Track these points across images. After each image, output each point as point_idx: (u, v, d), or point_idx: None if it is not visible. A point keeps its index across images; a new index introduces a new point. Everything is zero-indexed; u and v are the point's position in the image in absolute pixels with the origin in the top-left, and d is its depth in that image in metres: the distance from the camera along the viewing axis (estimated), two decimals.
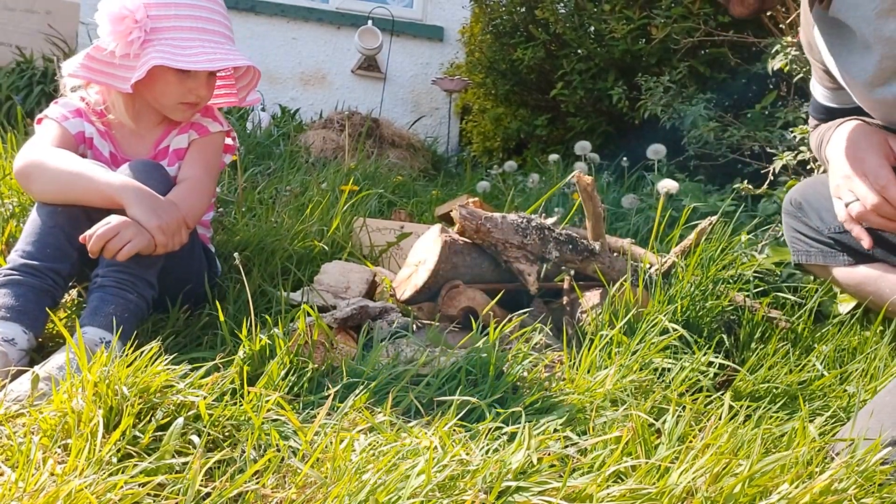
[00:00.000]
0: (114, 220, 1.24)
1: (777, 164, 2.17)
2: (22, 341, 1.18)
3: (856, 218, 1.26)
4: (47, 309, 1.23)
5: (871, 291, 1.46)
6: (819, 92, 1.47)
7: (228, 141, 1.64)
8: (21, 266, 1.25)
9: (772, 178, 2.24)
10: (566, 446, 1.00)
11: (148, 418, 0.95)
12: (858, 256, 1.45)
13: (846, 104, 1.39)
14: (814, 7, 1.31)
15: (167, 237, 1.29)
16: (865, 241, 1.27)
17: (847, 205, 1.28)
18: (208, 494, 0.85)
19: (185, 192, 1.41)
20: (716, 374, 1.33)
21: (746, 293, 1.67)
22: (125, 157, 1.50)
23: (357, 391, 1.09)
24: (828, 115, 1.47)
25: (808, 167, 2.19)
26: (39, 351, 1.24)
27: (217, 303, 1.29)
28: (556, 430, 1.05)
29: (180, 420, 0.93)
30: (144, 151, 1.53)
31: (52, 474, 0.84)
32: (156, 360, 1.03)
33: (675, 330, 1.35)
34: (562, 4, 3.54)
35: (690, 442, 1.05)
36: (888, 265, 1.43)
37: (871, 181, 1.23)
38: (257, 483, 0.87)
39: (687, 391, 1.25)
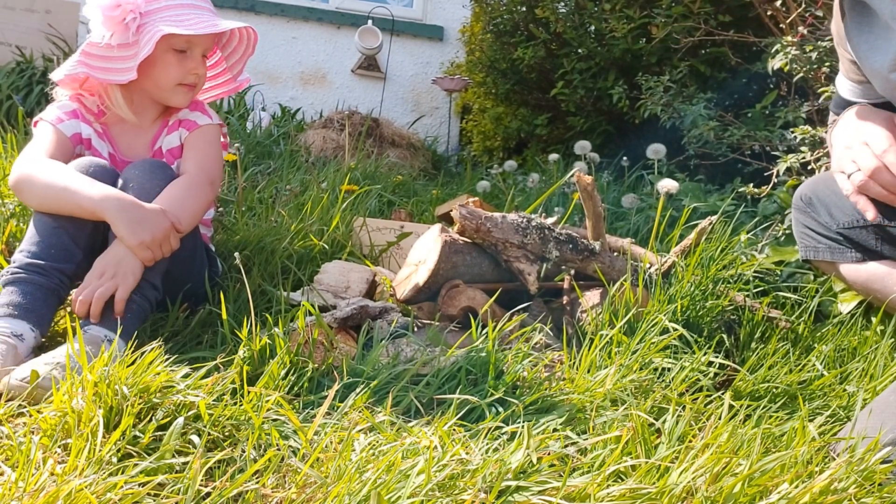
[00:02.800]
0: (91, 274, 1.24)
1: (781, 167, 2.17)
2: (29, 338, 1.18)
3: (858, 188, 1.26)
4: (53, 308, 1.24)
5: (878, 289, 1.46)
6: (846, 87, 1.47)
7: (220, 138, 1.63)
8: (27, 265, 1.25)
9: (775, 180, 2.23)
10: (566, 446, 1.00)
11: (148, 418, 0.95)
12: (867, 253, 1.45)
13: (871, 99, 1.39)
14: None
15: (153, 251, 1.26)
16: (870, 213, 1.26)
17: (849, 176, 1.27)
18: (208, 494, 0.85)
19: (176, 193, 1.36)
20: (716, 374, 1.33)
21: (746, 293, 1.67)
22: (123, 157, 1.50)
23: (357, 391, 1.09)
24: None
25: (809, 167, 2.18)
26: (44, 349, 1.25)
27: (222, 301, 1.28)
28: (555, 430, 1.05)
29: (180, 420, 0.93)
30: (142, 151, 1.52)
31: (52, 474, 0.84)
32: (156, 359, 1.03)
33: (675, 330, 1.35)
34: (562, 3, 3.54)
35: (690, 441, 1.05)
36: None
37: (872, 148, 1.23)
38: (257, 483, 0.87)
39: (687, 391, 1.25)
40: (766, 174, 2.36)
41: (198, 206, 1.40)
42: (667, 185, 2.04)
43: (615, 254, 1.65)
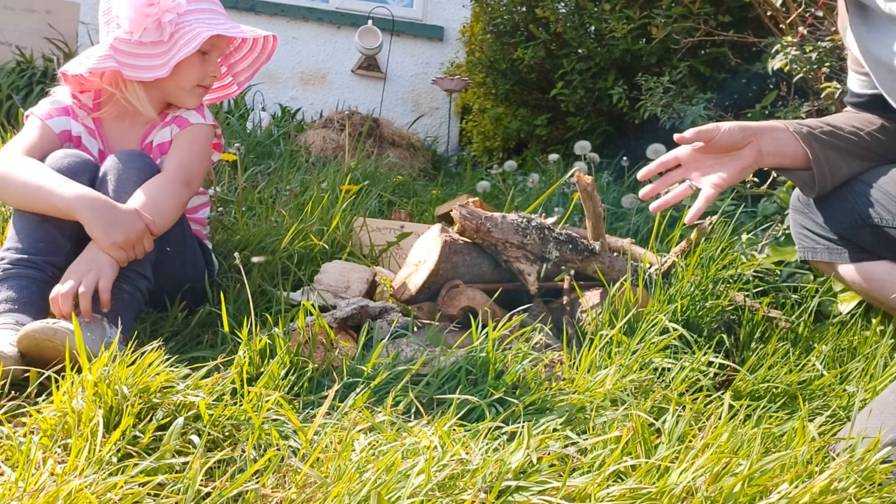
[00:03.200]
0: (71, 272, 1.22)
1: None
2: None
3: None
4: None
5: (877, 289, 1.46)
6: (853, 79, 1.48)
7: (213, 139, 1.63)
8: (18, 261, 1.25)
9: (780, 184, 2.23)
10: (566, 446, 1.00)
11: (148, 418, 0.95)
12: (865, 254, 1.45)
13: (876, 90, 1.40)
14: None
15: (126, 251, 1.25)
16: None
17: None
18: (208, 494, 0.85)
19: (151, 193, 1.34)
20: (716, 374, 1.33)
21: (746, 293, 1.67)
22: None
23: (357, 391, 1.09)
24: (856, 100, 1.49)
25: None
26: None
27: (222, 302, 1.28)
28: (555, 430, 1.05)
29: (180, 420, 0.93)
30: (133, 147, 1.52)
31: (52, 474, 0.84)
32: (156, 359, 1.03)
33: (675, 330, 1.35)
34: (562, 4, 3.54)
35: (690, 441, 1.05)
36: (894, 263, 1.43)
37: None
38: (257, 483, 0.87)
39: (687, 391, 1.25)
40: (769, 179, 2.35)
41: (172, 207, 1.37)
42: None
43: (615, 254, 1.65)
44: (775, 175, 2.24)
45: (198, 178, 1.49)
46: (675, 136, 1.36)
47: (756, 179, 2.22)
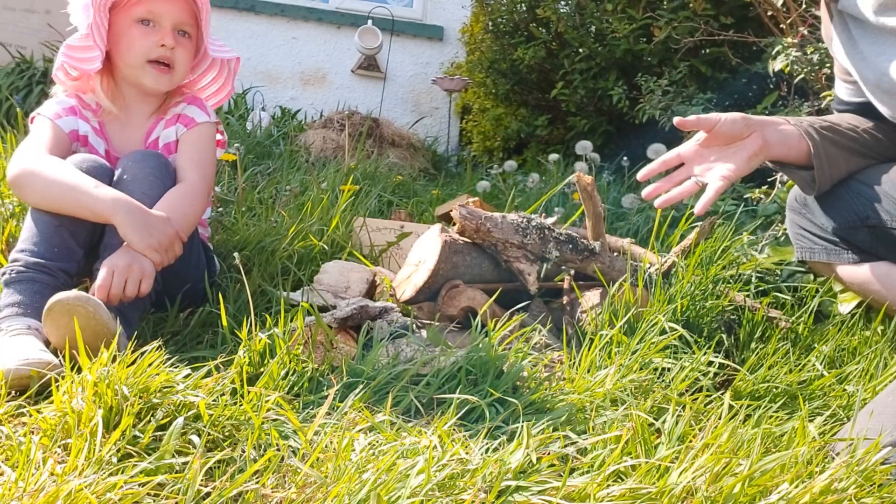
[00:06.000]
0: (118, 264, 1.24)
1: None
2: (43, 334, 1.19)
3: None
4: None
5: (876, 290, 1.46)
6: (841, 87, 1.48)
7: (217, 136, 1.63)
8: (34, 265, 1.26)
9: (780, 184, 2.23)
10: (566, 446, 1.00)
11: (148, 418, 0.95)
12: (863, 254, 1.45)
13: (863, 97, 1.40)
14: (830, 4, 1.34)
15: (161, 255, 1.28)
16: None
17: None
18: (208, 494, 0.85)
19: (176, 200, 1.37)
20: (716, 374, 1.33)
21: (746, 293, 1.66)
22: (117, 154, 1.51)
23: (357, 391, 1.09)
24: (844, 108, 1.50)
25: None
26: (49, 345, 1.25)
27: (221, 302, 1.29)
28: (555, 430, 1.05)
29: (180, 420, 0.93)
30: (136, 147, 1.52)
31: (52, 474, 0.84)
32: (156, 359, 1.03)
33: (674, 330, 1.35)
34: (563, 3, 3.54)
35: (690, 442, 1.05)
36: (893, 264, 1.43)
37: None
38: (257, 483, 0.87)
39: (687, 391, 1.25)
40: (770, 180, 2.35)
41: (197, 214, 1.42)
42: None
43: (615, 254, 1.65)
44: (781, 183, 2.24)
45: (213, 180, 1.54)
46: (675, 120, 1.32)
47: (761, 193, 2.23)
